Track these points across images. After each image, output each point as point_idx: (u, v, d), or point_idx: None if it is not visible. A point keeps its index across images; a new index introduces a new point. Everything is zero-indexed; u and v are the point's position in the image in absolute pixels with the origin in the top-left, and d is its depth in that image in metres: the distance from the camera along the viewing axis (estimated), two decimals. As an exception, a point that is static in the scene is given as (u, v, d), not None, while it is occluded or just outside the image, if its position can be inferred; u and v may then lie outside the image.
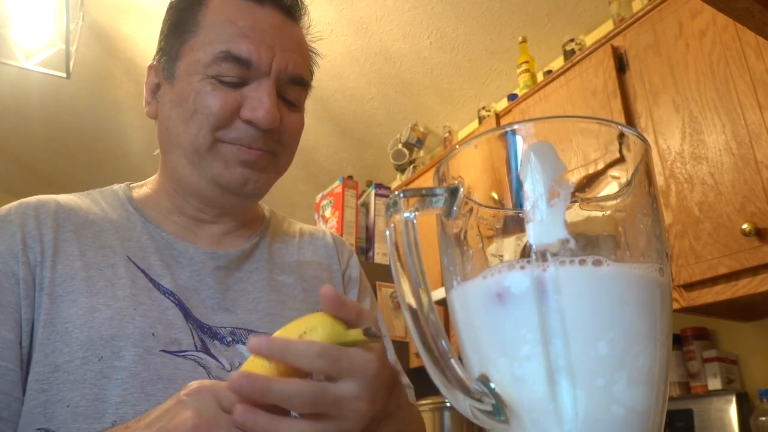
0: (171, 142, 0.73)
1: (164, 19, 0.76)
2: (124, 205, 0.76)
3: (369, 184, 2.97)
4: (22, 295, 0.64)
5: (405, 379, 0.82)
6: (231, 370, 0.67)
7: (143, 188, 0.80)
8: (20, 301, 0.63)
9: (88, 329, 0.62)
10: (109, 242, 0.71)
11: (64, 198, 0.74)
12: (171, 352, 0.64)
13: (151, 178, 0.81)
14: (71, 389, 0.60)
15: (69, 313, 0.63)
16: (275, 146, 0.72)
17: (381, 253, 2.69)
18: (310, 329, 0.46)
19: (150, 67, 0.77)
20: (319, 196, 2.90)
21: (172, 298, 0.68)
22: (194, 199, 0.75)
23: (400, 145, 3.00)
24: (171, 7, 0.75)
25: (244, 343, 0.69)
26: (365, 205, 2.82)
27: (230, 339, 0.69)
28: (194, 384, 0.46)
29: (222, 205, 0.75)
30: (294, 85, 0.73)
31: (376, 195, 2.81)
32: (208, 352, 0.66)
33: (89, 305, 0.64)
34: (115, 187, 0.80)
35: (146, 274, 0.69)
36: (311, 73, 0.79)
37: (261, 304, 0.73)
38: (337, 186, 2.78)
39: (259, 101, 0.68)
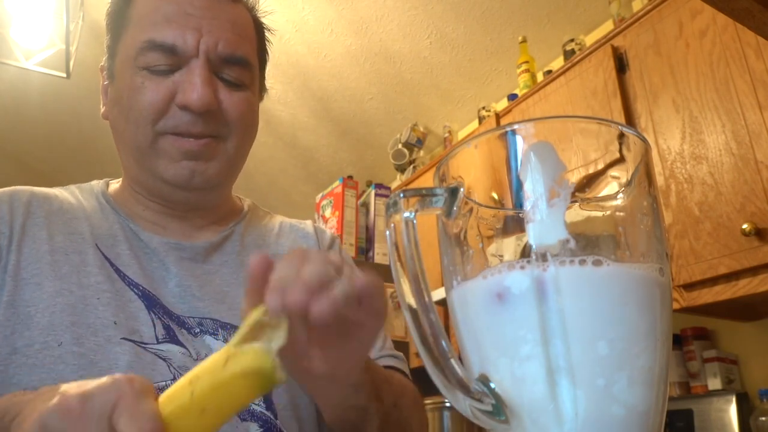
0: (119, 141, 0.73)
1: (105, 21, 0.75)
2: (98, 198, 0.76)
3: (369, 184, 2.97)
4: None
5: (395, 351, 0.82)
6: (197, 359, 0.66)
7: (117, 184, 0.80)
8: None
9: (50, 314, 0.62)
10: (80, 229, 0.70)
11: (40, 189, 0.74)
12: (132, 341, 0.64)
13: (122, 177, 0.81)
14: (28, 373, 0.60)
15: (32, 296, 0.63)
16: (220, 130, 0.69)
17: (381, 253, 2.69)
18: (196, 377, 0.39)
19: (101, 69, 0.77)
20: (319, 196, 2.90)
21: (136, 290, 0.67)
22: (153, 196, 0.74)
23: (400, 145, 3.00)
24: (108, 7, 0.75)
25: (210, 335, 0.69)
26: (365, 205, 2.82)
27: (198, 330, 0.68)
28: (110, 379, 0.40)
29: (179, 201, 0.73)
30: (231, 64, 0.70)
31: (376, 195, 2.81)
32: (174, 340, 0.66)
33: (53, 289, 0.64)
34: (93, 182, 0.80)
35: (113, 264, 0.68)
36: (259, 50, 0.77)
37: (229, 296, 0.72)
38: (337, 186, 2.78)
39: (189, 84, 0.66)
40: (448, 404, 2.08)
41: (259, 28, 0.78)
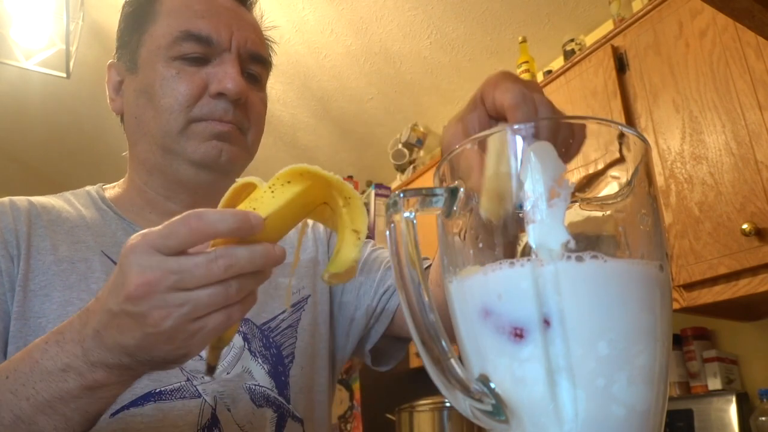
0: (140, 131, 0.73)
1: (120, 16, 0.78)
2: (97, 204, 0.76)
3: (369, 184, 2.97)
4: (7, 287, 0.64)
5: None
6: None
7: (115, 189, 0.80)
8: (6, 293, 0.64)
9: (61, 323, 0.63)
10: (83, 238, 0.71)
11: (36, 198, 0.75)
12: None
13: (121, 180, 0.81)
14: None
15: (42, 307, 0.64)
16: (244, 122, 0.73)
17: (381, 253, 2.68)
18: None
19: (110, 66, 0.78)
20: (319, 196, 2.89)
21: None
22: (165, 188, 0.74)
23: (400, 145, 3.00)
24: (126, 4, 0.78)
25: None
26: (365, 205, 2.81)
27: None
28: (128, 242, 0.42)
29: (196, 185, 0.74)
30: (256, 61, 0.75)
31: (376, 195, 2.81)
32: None
33: (63, 299, 0.64)
34: (88, 188, 0.80)
35: None
36: (270, 56, 0.82)
37: None
38: (337, 186, 2.77)
39: (224, 73, 0.70)
40: (448, 404, 2.08)
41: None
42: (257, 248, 0.41)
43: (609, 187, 0.33)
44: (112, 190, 0.80)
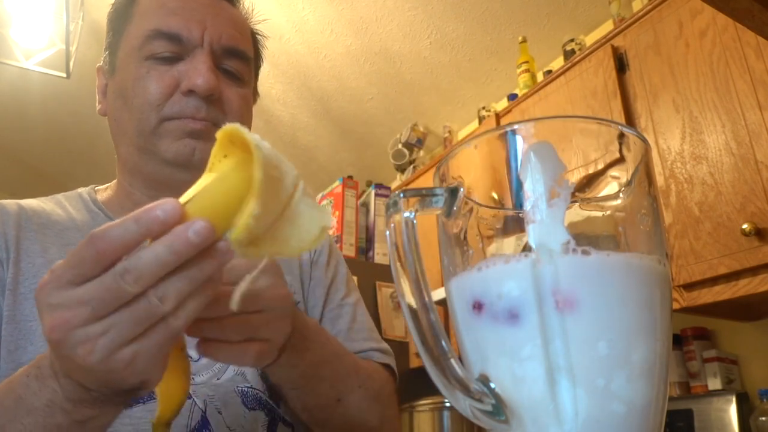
0: (119, 132, 0.73)
1: (106, 21, 0.77)
2: (89, 207, 0.76)
3: (369, 184, 2.97)
4: None
5: (382, 344, 0.82)
6: (198, 359, 0.67)
7: (107, 191, 0.80)
8: None
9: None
10: (73, 241, 0.70)
11: (26, 201, 0.75)
12: None
13: (113, 182, 0.81)
14: None
15: (33, 311, 0.63)
16: (219, 117, 0.71)
17: (381, 253, 2.69)
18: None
19: (98, 70, 0.79)
20: (319, 196, 2.89)
21: None
22: (148, 188, 0.74)
23: (400, 145, 3.00)
24: (111, 7, 0.77)
25: None
26: (365, 205, 2.82)
27: None
28: (39, 284, 0.38)
29: (175, 185, 0.72)
30: (233, 57, 0.73)
31: (376, 195, 2.81)
32: None
33: None
34: (80, 190, 0.80)
35: None
36: (254, 50, 0.80)
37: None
38: (337, 186, 2.78)
39: (194, 70, 0.68)
40: (448, 404, 2.08)
41: (253, 36, 0.81)
42: (158, 247, 0.34)
43: (609, 187, 0.33)
44: (104, 192, 0.80)
